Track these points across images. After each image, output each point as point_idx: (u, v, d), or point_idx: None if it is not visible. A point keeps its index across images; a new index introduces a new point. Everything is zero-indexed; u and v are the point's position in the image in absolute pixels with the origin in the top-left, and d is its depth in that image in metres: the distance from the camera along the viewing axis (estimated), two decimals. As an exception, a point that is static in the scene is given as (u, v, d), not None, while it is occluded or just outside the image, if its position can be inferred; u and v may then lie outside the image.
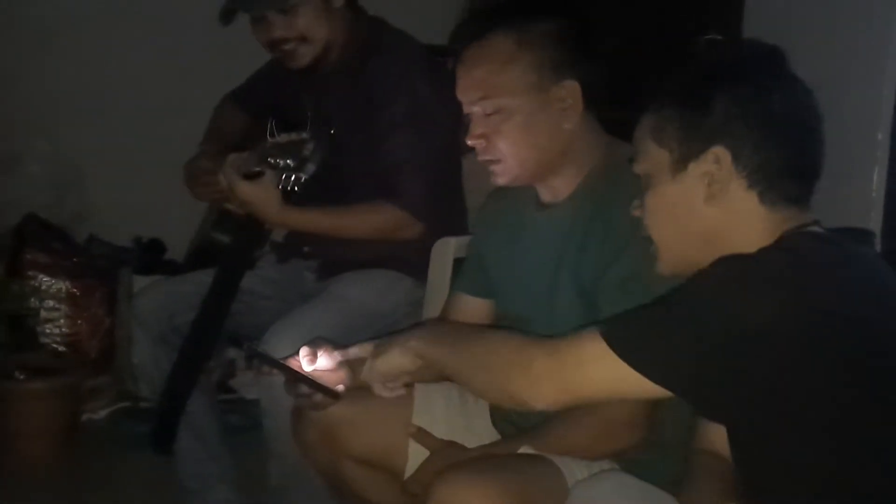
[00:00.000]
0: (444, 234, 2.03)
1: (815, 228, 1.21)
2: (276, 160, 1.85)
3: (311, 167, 1.83)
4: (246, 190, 1.91)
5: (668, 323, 1.16)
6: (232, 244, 1.96)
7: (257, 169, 1.89)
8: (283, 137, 1.87)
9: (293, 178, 1.81)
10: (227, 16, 2.07)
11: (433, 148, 2.04)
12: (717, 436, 1.34)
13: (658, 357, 1.15)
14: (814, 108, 1.22)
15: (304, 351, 1.53)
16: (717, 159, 1.19)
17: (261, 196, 1.91)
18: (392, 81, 2.05)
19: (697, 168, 1.21)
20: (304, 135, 1.83)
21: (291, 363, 1.53)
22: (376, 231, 2.05)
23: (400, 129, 2.02)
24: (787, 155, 1.20)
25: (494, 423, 1.70)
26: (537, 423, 1.52)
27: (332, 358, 1.54)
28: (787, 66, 1.23)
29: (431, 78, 2.07)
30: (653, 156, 1.25)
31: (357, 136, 2.07)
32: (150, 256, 3.11)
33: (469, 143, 1.54)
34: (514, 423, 1.63)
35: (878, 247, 1.85)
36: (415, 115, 2.03)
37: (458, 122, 1.98)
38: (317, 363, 1.53)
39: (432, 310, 1.96)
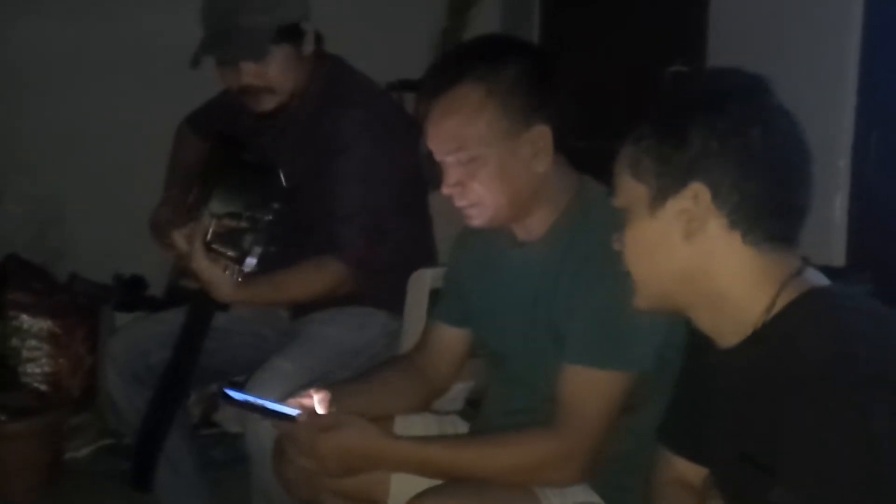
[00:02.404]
0: (414, 267, 2.06)
1: (817, 279, 1.16)
2: (219, 249, 1.85)
3: (251, 261, 1.85)
4: (201, 269, 1.85)
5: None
6: (201, 290, 1.97)
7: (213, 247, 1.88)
8: (224, 223, 1.86)
9: (236, 270, 1.84)
10: (198, 59, 2.04)
11: (380, 203, 2.04)
12: (685, 466, 1.35)
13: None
14: (800, 142, 1.16)
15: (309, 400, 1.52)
16: (695, 196, 1.14)
17: (214, 278, 1.85)
18: (346, 136, 2.04)
19: (676, 205, 1.16)
20: (244, 223, 1.83)
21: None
22: (319, 290, 2.03)
23: (347, 184, 2.02)
24: (770, 192, 1.14)
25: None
26: None
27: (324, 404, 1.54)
28: (771, 97, 1.17)
29: (388, 130, 2.07)
30: (631, 190, 1.20)
31: (312, 182, 2.06)
32: (132, 293, 3.13)
33: (445, 192, 1.54)
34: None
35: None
36: (364, 171, 2.02)
37: (418, 164, 2.02)
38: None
39: (411, 341, 1.98)
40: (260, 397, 1.57)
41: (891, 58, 2.18)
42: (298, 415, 1.49)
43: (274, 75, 2.04)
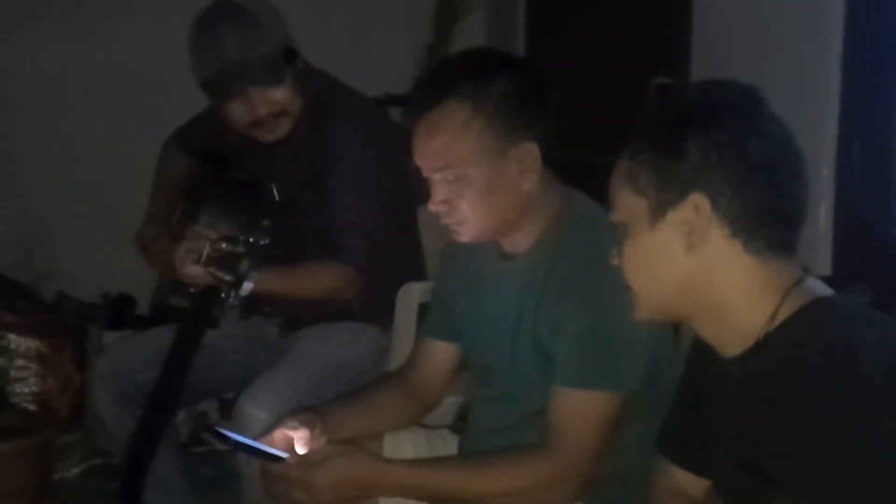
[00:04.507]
0: (403, 281, 2.06)
1: (820, 289, 1.17)
2: (215, 273, 1.89)
3: (248, 286, 1.88)
4: (206, 278, 1.90)
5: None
6: (191, 308, 1.98)
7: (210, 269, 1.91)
8: (219, 247, 1.89)
9: (233, 293, 1.87)
10: (218, 98, 2.05)
11: (377, 209, 2.07)
12: (684, 477, 1.35)
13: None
14: (794, 150, 1.17)
15: (297, 433, 1.52)
16: (695, 207, 1.15)
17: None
18: (339, 145, 2.05)
19: (676, 216, 1.16)
20: (240, 248, 1.85)
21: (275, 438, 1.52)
22: (326, 290, 2.05)
23: (345, 192, 2.04)
24: (769, 201, 1.15)
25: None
26: None
27: (310, 426, 1.54)
28: (765, 107, 1.18)
29: (378, 139, 2.09)
30: (629, 204, 1.20)
31: (305, 197, 2.08)
32: (120, 312, 3.12)
33: (431, 208, 1.53)
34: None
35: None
36: (360, 178, 2.05)
37: (407, 177, 2.03)
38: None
39: (399, 355, 1.98)
40: (248, 438, 1.56)
41: (872, 67, 2.20)
42: (288, 456, 1.49)
43: (287, 97, 2.05)
